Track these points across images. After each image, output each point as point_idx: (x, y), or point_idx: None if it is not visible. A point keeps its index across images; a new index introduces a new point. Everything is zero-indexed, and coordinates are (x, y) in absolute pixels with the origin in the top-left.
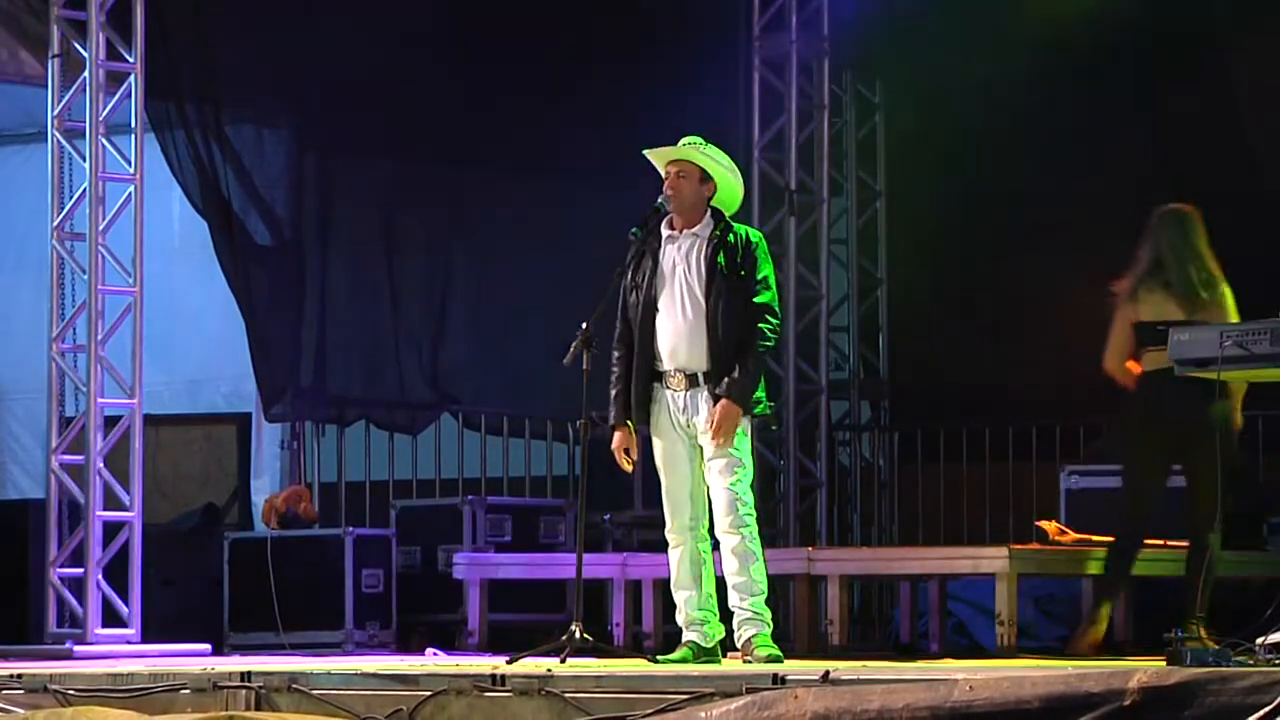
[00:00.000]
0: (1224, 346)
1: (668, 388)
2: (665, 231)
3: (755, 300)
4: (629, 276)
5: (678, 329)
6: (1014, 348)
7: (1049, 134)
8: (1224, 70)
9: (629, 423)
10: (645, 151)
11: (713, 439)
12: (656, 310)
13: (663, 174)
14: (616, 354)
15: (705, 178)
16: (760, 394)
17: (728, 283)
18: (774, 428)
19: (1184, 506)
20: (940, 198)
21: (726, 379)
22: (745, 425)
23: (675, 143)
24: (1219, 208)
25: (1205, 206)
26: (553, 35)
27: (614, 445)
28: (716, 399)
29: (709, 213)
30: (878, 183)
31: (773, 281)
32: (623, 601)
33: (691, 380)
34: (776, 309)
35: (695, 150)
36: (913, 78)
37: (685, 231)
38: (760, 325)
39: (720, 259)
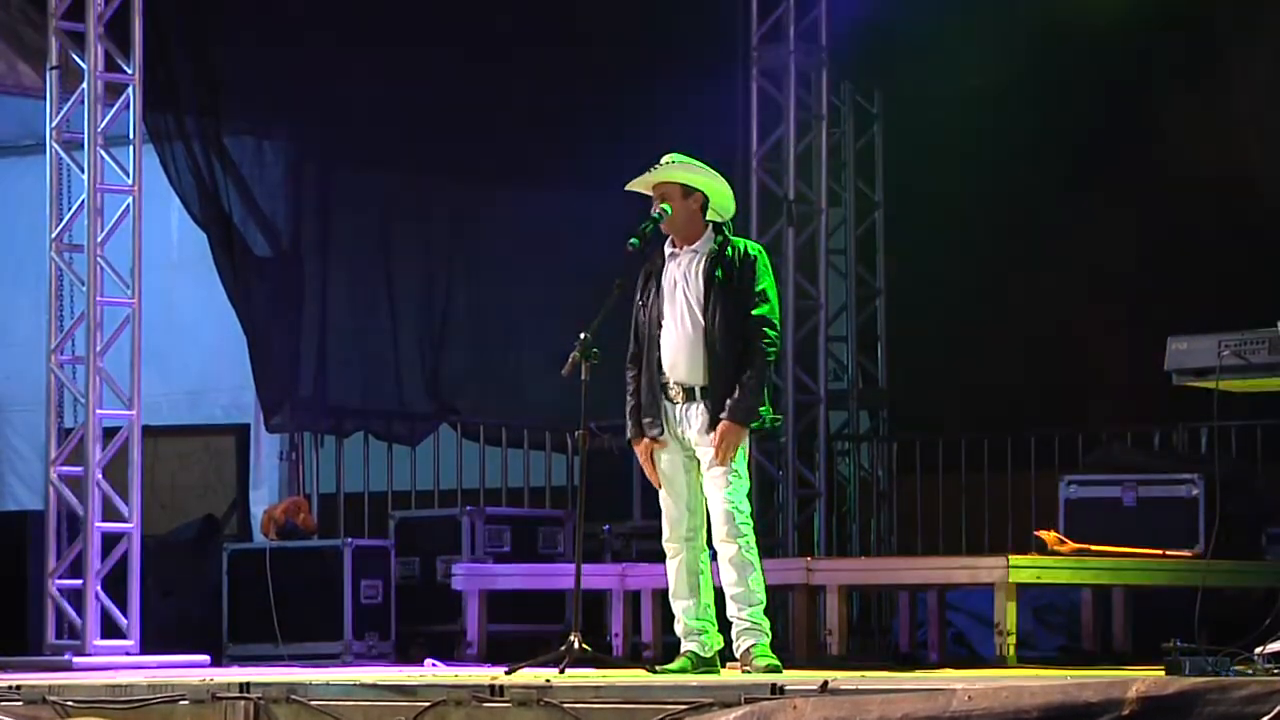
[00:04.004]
0: (1222, 356)
1: (667, 399)
2: (668, 250)
3: (753, 313)
4: (637, 297)
5: (678, 343)
6: (1012, 357)
7: (1047, 144)
8: (1225, 82)
9: (645, 438)
10: (627, 187)
11: (715, 457)
12: (660, 327)
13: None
14: (630, 373)
15: (688, 191)
16: (764, 409)
17: (724, 296)
18: (781, 439)
19: None
20: (938, 208)
21: (729, 400)
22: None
23: (660, 160)
24: (1219, 217)
25: (1205, 217)
26: (551, 47)
27: (641, 461)
28: (715, 420)
29: (709, 227)
30: (876, 193)
31: (772, 294)
32: (621, 612)
33: (689, 394)
34: (775, 321)
35: (667, 169)
36: (911, 88)
37: (685, 248)
38: (759, 340)
39: (718, 273)
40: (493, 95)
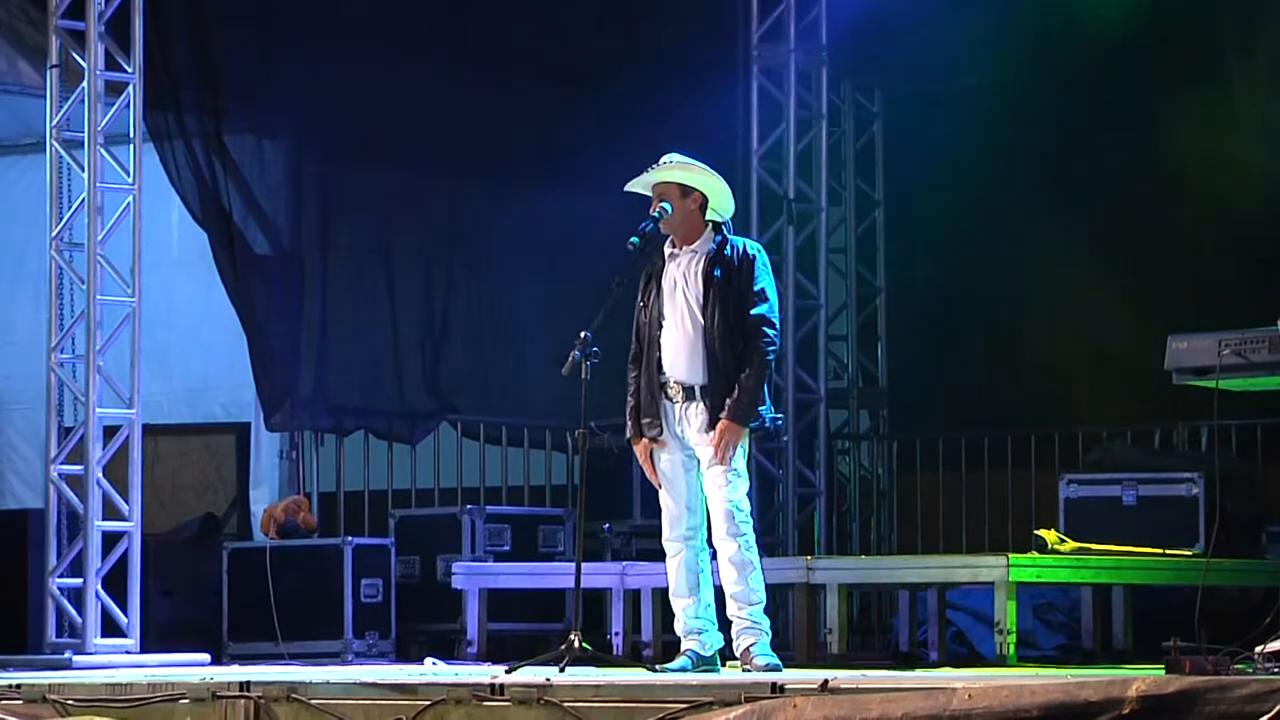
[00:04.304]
0: (1222, 355)
1: (667, 398)
2: (668, 250)
3: (752, 312)
4: (639, 298)
5: (678, 344)
6: (1012, 356)
7: (1047, 143)
8: (1225, 82)
9: (644, 438)
10: (626, 188)
11: (714, 456)
12: (661, 327)
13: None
14: (631, 374)
15: (686, 191)
16: (765, 408)
17: (723, 296)
18: (783, 439)
19: None
20: (938, 207)
21: (728, 400)
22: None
23: (659, 159)
24: (1219, 216)
25: (1206, 215)
26: (552, 46)
27: (641, 461)
28: (715, 419)
29: (709, 226)
30: (876, 192)
31: (771, 293)
32: (621, 611)
33: (689, 393)
34: (774, 320)
35: (665, 169)
36: (911, 87)
37: (685, 248)
38: (758, 339)
39: (716, 273)
40: (493, 94)
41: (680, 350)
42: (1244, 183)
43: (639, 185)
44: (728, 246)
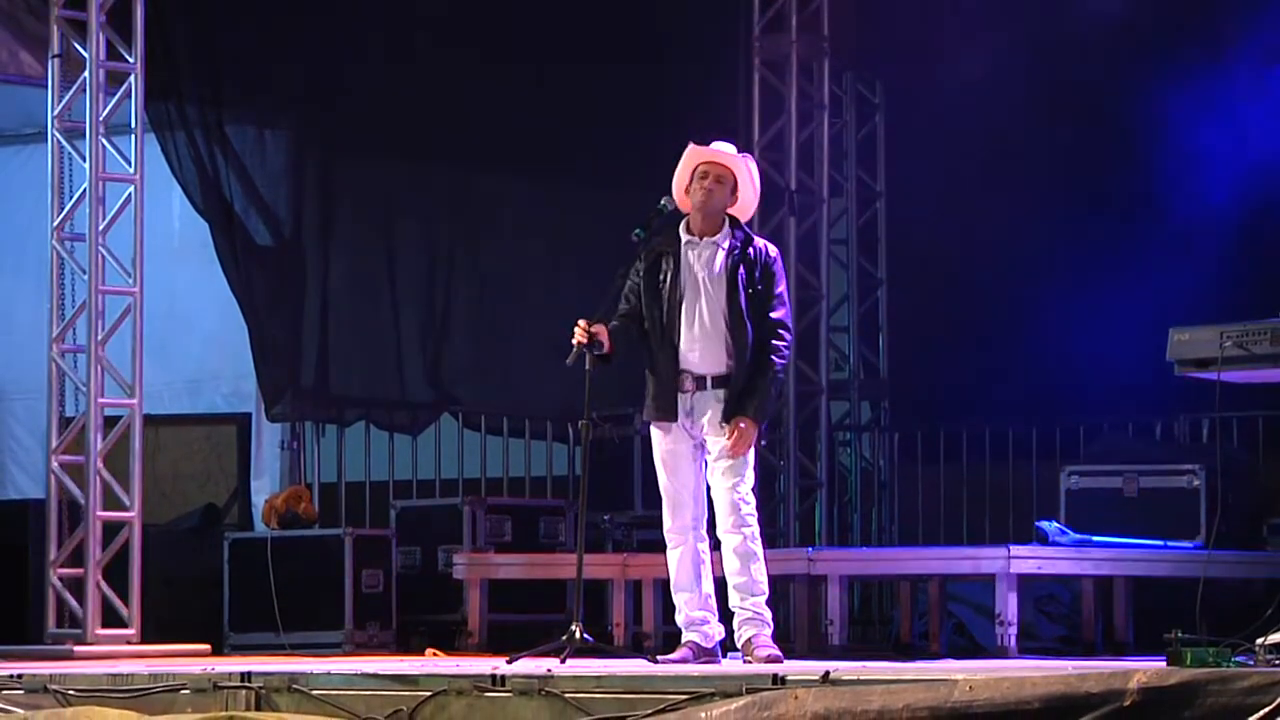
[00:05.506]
0: (1224, 347)
1: (679, 388)
2: (684, 236)
3: (771, 315)
4: (640, 275)
5: (694, 335)
6: (1014, 348)
7: (1049, 134)
8: (1228, 74)
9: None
10: (712, 147)
11: (731, 451)
12: (678, 314)
13: (687, 175)
14: (614, 323)
15: (734, 187)
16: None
17: (746, 295)
18: (780, 431)
19: None
20: (940, 198)
21: (746, 399)
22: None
23: (685, 145)
24: (1220, 209)
25: (1207, 208)
26: (554, 36)
27: (578, 332)
28: (730, 416)
29: (727, 221)
30: (878, 183)
31: (788, 297)
32: (623, 602)
33: (699, 383)
34: (790, 324)
35: (748, 159)
36: (913, 78)
37: (705, 239)
38: (775, 341)
39: (741, 269)
40: (494, 85)
41: (697, 340)
42: (1246, 174)
43: (718, 149)
44: (751, 245)
